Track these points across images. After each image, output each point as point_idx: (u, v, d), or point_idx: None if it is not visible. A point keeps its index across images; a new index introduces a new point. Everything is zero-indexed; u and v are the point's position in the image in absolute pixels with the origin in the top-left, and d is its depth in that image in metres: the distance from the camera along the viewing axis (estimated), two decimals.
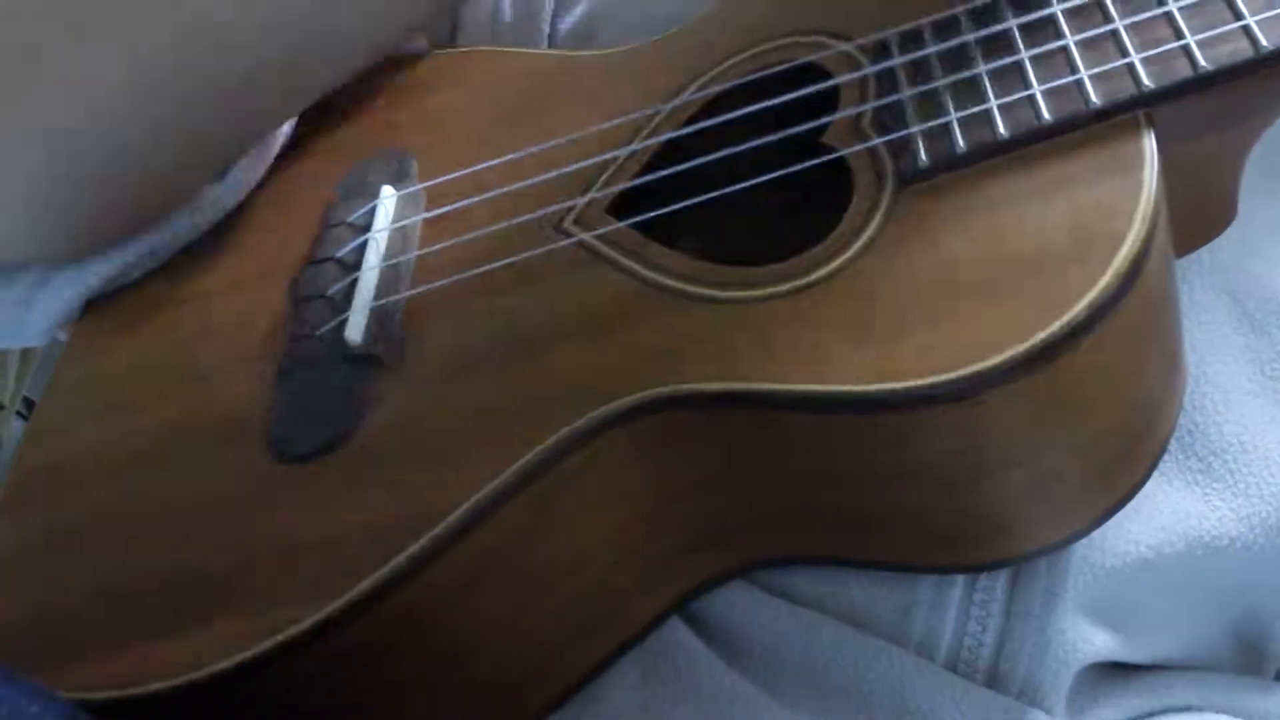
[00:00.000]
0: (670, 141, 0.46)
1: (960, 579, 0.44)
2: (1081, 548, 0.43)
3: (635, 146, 0.47)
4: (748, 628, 0.44)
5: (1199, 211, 0.42)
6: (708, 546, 0.44)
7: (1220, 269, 0.47)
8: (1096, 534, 0.43)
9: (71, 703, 0.39)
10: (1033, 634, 0.43)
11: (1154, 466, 0.41)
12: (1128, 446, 0.40)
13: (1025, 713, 0.43)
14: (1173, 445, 0.45)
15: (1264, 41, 0.37)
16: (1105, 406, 0.38)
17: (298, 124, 0.55)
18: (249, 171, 0.53)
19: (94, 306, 0.53)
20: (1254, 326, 0.47)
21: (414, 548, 0.38)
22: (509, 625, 0.42)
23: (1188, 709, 0.46)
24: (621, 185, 0.46)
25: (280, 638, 0.38)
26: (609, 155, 0.47)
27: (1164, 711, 0.46)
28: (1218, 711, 0.46)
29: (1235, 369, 0.46)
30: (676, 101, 0.47)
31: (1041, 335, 0.35)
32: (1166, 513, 0.44)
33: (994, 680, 0.44)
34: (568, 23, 0.56)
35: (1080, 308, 0.35)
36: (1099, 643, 0.44)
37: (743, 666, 0.44)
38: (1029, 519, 0.41)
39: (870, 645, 0.43)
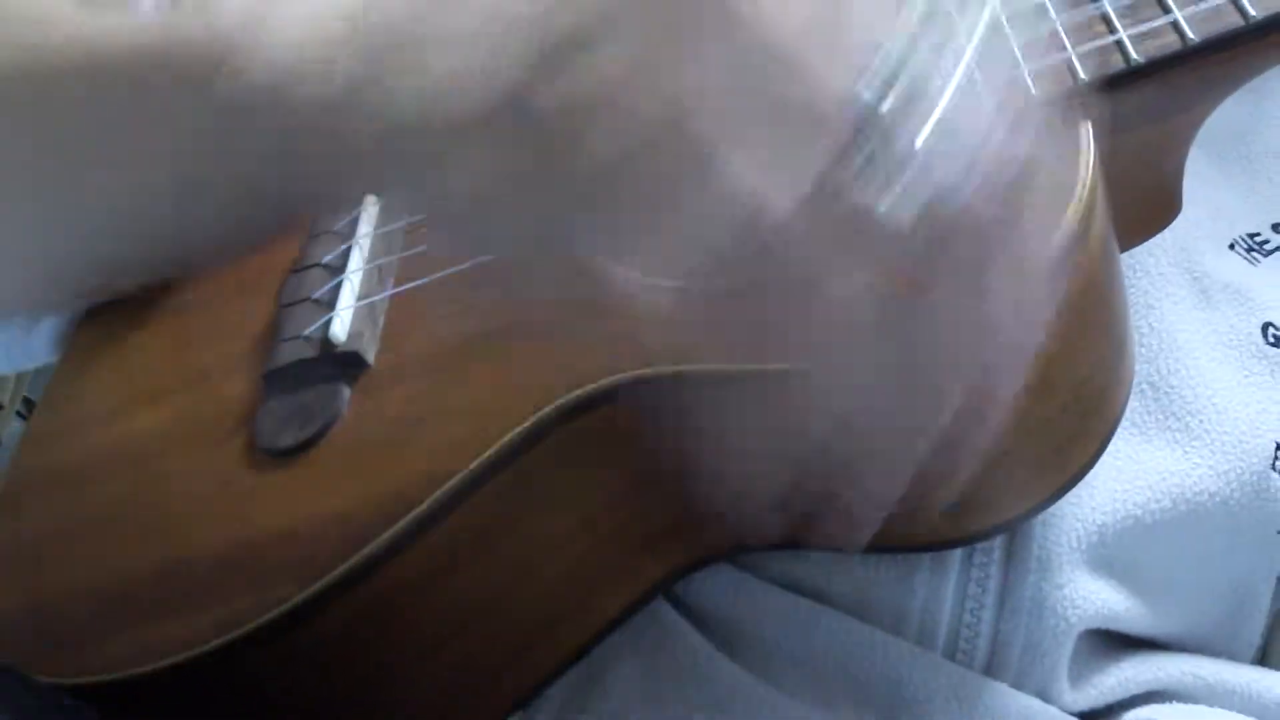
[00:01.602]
0: None
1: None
2: (1070, 507, 0.45)
3: None
4: (747, 618, 0.45)
5: (1141, 204, 0.44)
6: (681, 533, 0.45)
7: (1179, 248, 0.49)
8: (1085, 494, 0.44)
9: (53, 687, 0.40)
10: (1030, 591, 0.44)
11: (1104, 448, 0.43)
12: (1077, 425, 0.42)
13: (1020, 698, 0.44)
14: (1152, 406, 0.47)
15: (1191, 35, 0.39)
16: (1045, 387, 0.40)
17: None
18: None
19: (91, 311, 0.54)
20: (1209, 302, 0.49)
21: (385, 535, 0.40)
22: (487, 610, 0.43)
23: (1179, 697, 0.47)
24: None
25: (245, 628, 0.40)
26: None
27: (1160, 694, 0.47)
28: (1210, 693, 0.47)
29: (1199, 339, 0.48)
30: None
31: None
32: (1150, 471, 0.46)
33: (997, 643, 0.45)
34: None
35: None
36: (1099, 598, 0.45)
37: (742, 657, 0.45)
38: (979, 496, 0.42)
39: (868, 634, 0.44)
